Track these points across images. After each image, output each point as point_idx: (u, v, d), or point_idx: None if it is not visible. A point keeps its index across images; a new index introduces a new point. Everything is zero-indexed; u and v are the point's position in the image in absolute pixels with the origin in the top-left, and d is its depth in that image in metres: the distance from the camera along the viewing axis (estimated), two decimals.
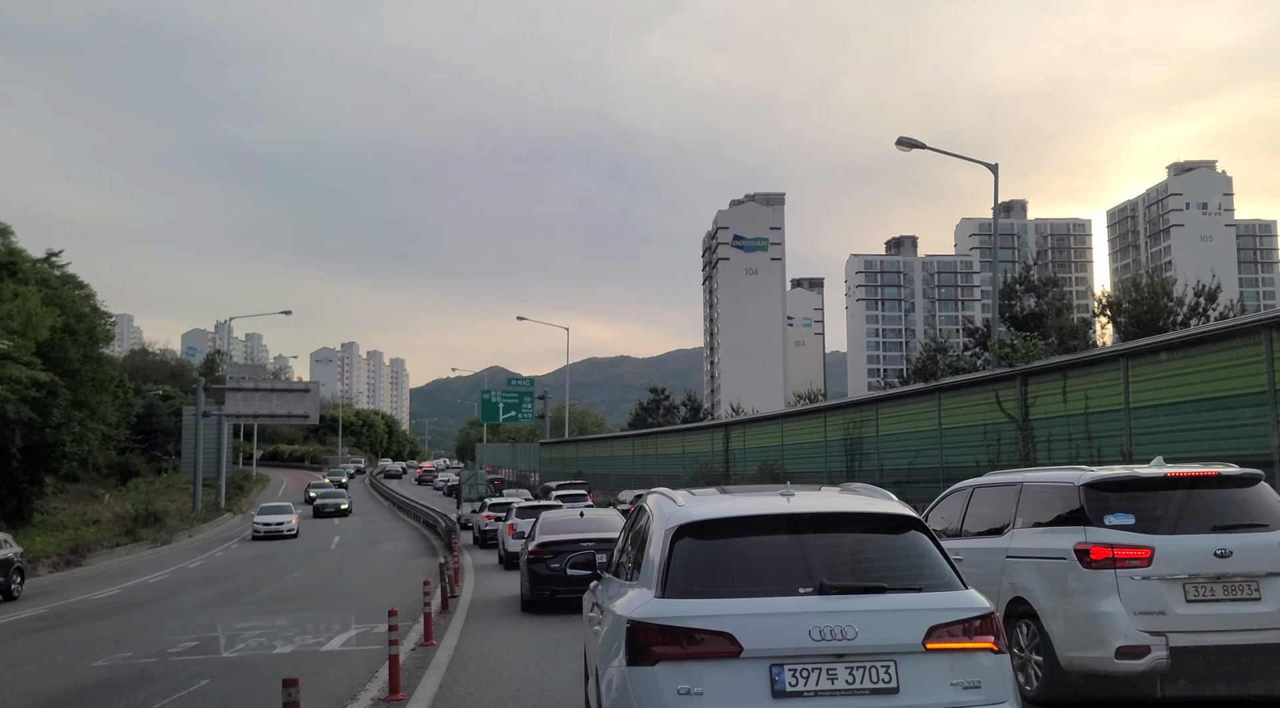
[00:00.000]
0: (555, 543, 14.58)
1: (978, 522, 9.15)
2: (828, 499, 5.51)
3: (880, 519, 5.14)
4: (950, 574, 4.86)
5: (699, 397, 68.48)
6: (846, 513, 5.19)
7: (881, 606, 4.56)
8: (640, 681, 4.47)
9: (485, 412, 68.80)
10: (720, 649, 4.42)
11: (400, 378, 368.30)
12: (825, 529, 4.95)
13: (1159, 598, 7.14)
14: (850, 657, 4.44)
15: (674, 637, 4.46)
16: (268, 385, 50.08)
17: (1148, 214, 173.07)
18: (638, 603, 4.75)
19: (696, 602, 4.57)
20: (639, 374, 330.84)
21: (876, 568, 4.87)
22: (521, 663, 10.24)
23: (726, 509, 5.27)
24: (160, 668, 10.70)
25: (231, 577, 23.61)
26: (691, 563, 4.76)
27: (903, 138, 21.92)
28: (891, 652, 4.47)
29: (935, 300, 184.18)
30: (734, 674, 4.41)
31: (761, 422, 34.28)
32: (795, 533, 4.87)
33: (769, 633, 4.44)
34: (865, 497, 5.51)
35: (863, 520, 5.14)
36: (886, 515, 5.13)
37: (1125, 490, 7.70)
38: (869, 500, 5.40)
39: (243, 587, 20.61)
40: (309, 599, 17.63)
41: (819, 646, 4.42)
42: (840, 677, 4.42)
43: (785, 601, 4.53)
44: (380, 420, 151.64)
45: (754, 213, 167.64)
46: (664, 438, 43.68)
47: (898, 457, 24.73)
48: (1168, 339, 16.29)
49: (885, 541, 5.04)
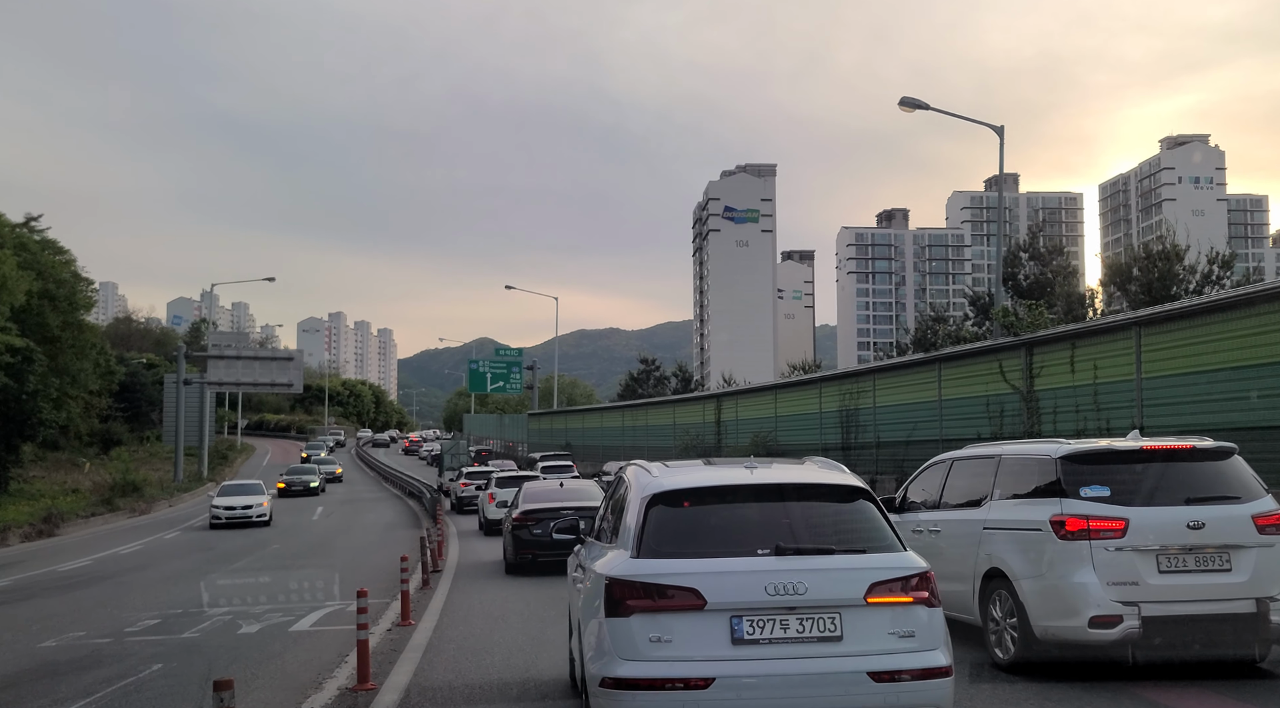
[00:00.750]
0: (537, 511, 15.55)
1: (956, 494, 9.25)
2: (786, 471, 6.08)
3: (832, 489, 5.72)
4: (892, 538, 5.45)
5: (689, 368, 67.72)
6: (801, 484, 5.78)
7: (829, 565, 5.17)
8: (617, 630, 5.05)
9: (473, 382, 67.94)
10: (687, 603, 5.01)
11: (388, 348, 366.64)
12: (782, 498, 5.58)
13: (1132, 569, 7.30)
14: (801, 609, 5.03)
15: (647, 592, 5.05)
16: (251, 353, 49.06)
17: (1140, 188, 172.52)
18: (615, 563, 5.34)
19: (667, 561, 5.18)
20: (628, 346, 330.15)
21: (827, 532, 5.43)
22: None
23: (695, 480, 5.83)
24: (112, 650, 9.93)
25: (207, 549, 22.84)
26: (663, 527, 5.36)
27: (906, 98, 21.04)
28: (837, 605, 5.06)
29: (926, 274, 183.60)
30: (699, 624, 5.00)
31: (754, 393, 33.55)
32: (756, 501, 5.54)
33: (730, 589, 5.03)
34: (820, 469, 6.09)
35: (816, 491, 5.73)
36: (837, 486, 5.71)
37: (1101, 463, 7.83)
38: (823, 472, 6.00)
39: (217, 559, 19.84)
40: (285, 573, 16.89)
41: (773, 599, 5.00)
42: (792, 627, 5.03)
43: (745, 560, 5.14)
44: (368, 391, 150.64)
45: (745, 184, 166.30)
46: (654, 409, 42.96)
47: (895, 429, 24.05)
48: (1187, 306, 15.55)
49: (835, 508, 5.61)
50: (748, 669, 4.95)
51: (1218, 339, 14.47)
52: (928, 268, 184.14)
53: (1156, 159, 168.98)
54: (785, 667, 4.98)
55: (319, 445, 75.60)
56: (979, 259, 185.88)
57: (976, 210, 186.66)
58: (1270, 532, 7.54)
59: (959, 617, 9.55)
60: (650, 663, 4.97)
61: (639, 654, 5.00)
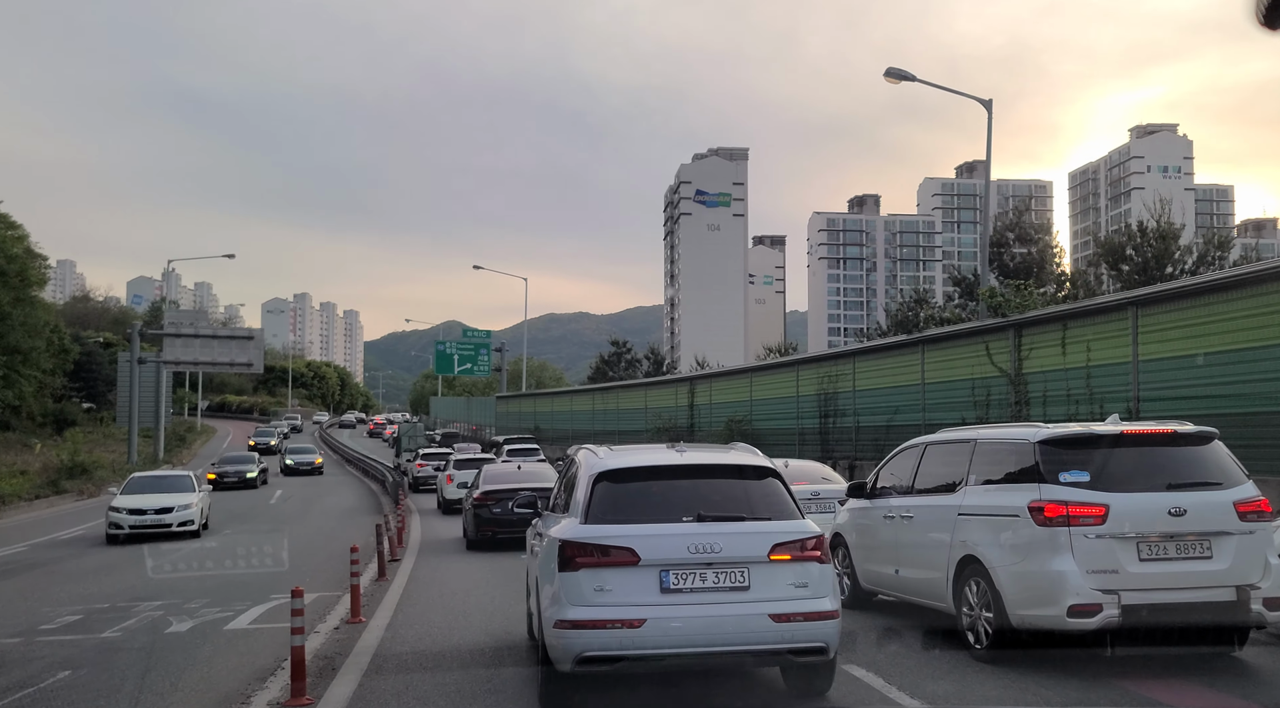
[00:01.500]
0: (497, 491, 16.60)
1: (930, 479, 9.11)
2: (709, 454, 7.18)
3: (746, 469, 6.71)
4: (793, 509, 6.50)
5: (661, 351, 66.69)
6: (721, 465, 6.87)
7: (740, 530, 6.22)
8: (568, 582, 6.02)
9: (439, 363, 66.54)
10: (625, 559, 5.99)
11: (354, 330, 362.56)
12: (705, 476, 6.65)
13: (1112, 556, 7.17)
14: (717, 565, 6.04)
15: (592, 551, 6.03)
16: (209, 332, 47.37)
17: (1109, 176, 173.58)
18: (567, 528, 6.33)
19: (609, 527, 6.16)
20: (598, 330, 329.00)
21: (740, 503, 6.43)
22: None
23: (634, 461, 6.76)
24: (19, 652, 8.81)
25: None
26: (607, 499, 6.34)
27: (891, 69, 20.17)
28: (745, 561, 6.08)
29: (897, 260, 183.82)
30: (634, 577, 5.98)
31: (729, 375, 32.70)
32: (683, 479, 6.55)
33: (659, 548, 6.03)
34: (740, 452, 7.16)
35: (733, 470, 6.75)
36: (751, 466, 6.73)
37: (1080, 447, 7.65)
38: (740, 455, 7.04)
39: (159, 546, 18.66)
40: (232, 561, 15.79)
41: (695, 557, 6.02)
42: (709, 579, 6.04)
43: (672, 526, 6.17)
44: (333, 373, 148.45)
45: (717, 167, 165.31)
46: (626, 392, 42.04)
47: (876, 413, 23.29)
48: (1188, 285, 14.83)
49: (748, 485, 6.60)
50: (673, 613, 5.97)
51: (1219, 320, 13.79)
52: (899, 254, 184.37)
53: (1126, 148, 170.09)
54: (703, 610, 6.01)
55: (269, 432, 66.13)
56: (950, 246, 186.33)
57: (948, 197, 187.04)
58: (1251, 519, 7.41)
59: (931, 604, 8.93)
60: (595, 608, 5.95)
61: (585, 601, 5.97)
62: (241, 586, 12.51)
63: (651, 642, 5.93)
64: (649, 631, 5.92)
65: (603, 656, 5.95)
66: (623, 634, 5.91)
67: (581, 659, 5.95)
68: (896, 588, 9.80)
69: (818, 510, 14.63)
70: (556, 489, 7.87)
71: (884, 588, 10.13)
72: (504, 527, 15.84)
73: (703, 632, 6.00)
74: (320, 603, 10.83)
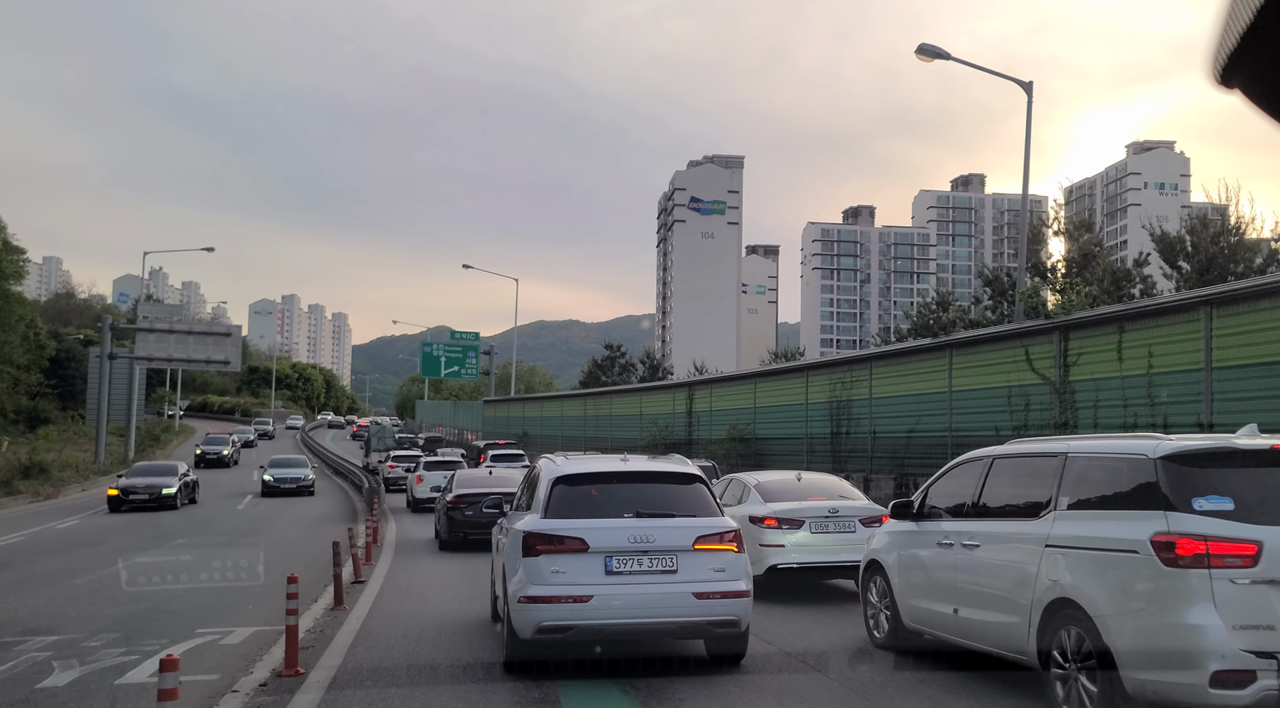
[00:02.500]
0: (469, 495, 17.44)
1: (1001, 499, 7.59)
2: (648, 463, 8.74)
3: (677, 476, 8.16)
4: (715, 508, 7.95)
5: (656, 355, 64.64)
6: (657, 471, 8.34)
7: (671, 524, 7.59)
8: (530, 566, 7.34)
9: (425, 366, 64.44)
10: (576, 547, 7.33)
11: (342, 333, 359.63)
12: (644, 481, 8.15)
13: (1267, 608, 5.58)
14: (651, 552, 7.38)
15: (550, 540, 7.37)
16: (185, 327, 45.18)
17: (1105, 192, 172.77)
18: (530, 521, 7.66)
19: (564, 521, 7.53)
20: (588, 338, 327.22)
21: (671, 503, 7.84)
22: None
23: (586, 467, 8.21)
24: None
25: (97, 543, 19.57)
26: (563, 498, 7.71)
27: (924, 45, 18.38)
28: (674, 550, 7.44)
29: (891, 272, 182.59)
30: (584, 562, 7.31)
31: (731, 381, 30.81)
32: (626, 483, 8.02)
33: (605, 538, 7.37)
34: (674, 462, 8.73)
35: (667, 476, 8.21)
36: (681, 473, 8.18)
37: (1219, 466, 6.07)
38: (674, 464, 8.53)
39: (100, 559, 16.60)
40: (172, 582, 13.74)
41: (633, 545, 7.37)
42: (644, 563, 7.37)
43: (615, 521, 7.53)
44: (318, 374, 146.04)
45: (712, 175, 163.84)
46: (619, 398, 40.06)
47: (894, 422, 21.42)
48: (1273, 282, 13.01)
49: (678, 488, 8.02)
50: (615, 591, 7.16)
51: None
52: (893, 266, 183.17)
53: (1123, 163, 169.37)
54: (639, 589, 7.20)
55: (221, 441, 52.71)
56: (944, 259, 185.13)
57: (943, 210, 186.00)
58: None
59: (1004, 654, 7.03)
60: (551, 586, 7.13)
61: (543, 581, 7.16)
62: (165, 616, 10.43)
63: (597, 615, 7.07)
64: (595, 605, 7.07)
65: (557, 625, 7.07)
66: (573, 608, 7.05)
67: (540, 629, 7.08)
68: (955, 631, 7.92)
69: (836, 530, 12.71)
70: (520, 491, 9.08)
71: (936, 629, 8.23)
72: (475, 529, 16.63)
73: (639, 607, 7.16)
74: (257, 642, 8.87)
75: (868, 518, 12.68)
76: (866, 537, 11.00)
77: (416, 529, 21.68)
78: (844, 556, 12.17)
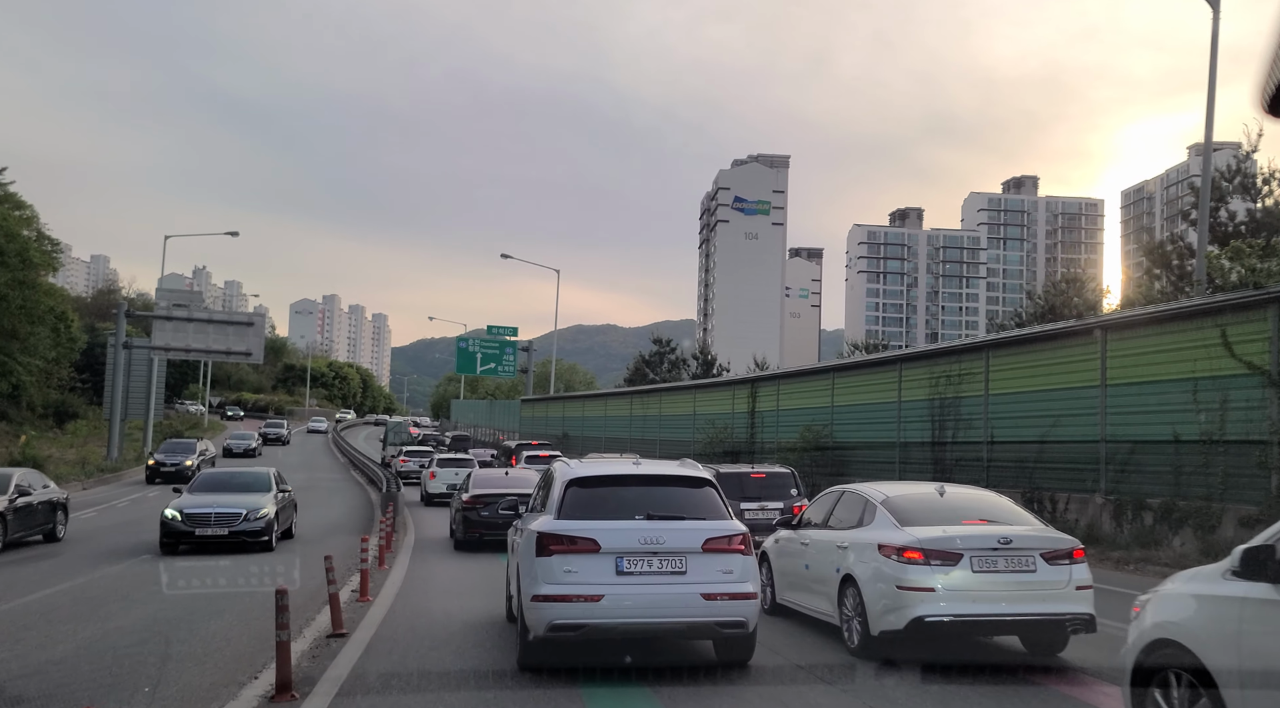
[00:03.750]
0: (485, 496, 17.09)
1: None
2: (658, 466, 8.89)
3: (688, 479, 8.27)
4: (724, 512, 7.97)
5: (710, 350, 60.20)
6: (668, 475, 8.39)
7: (681, 527, 7.63)
8: (543, 566, 7.43)
9: (461, 363, 61.21)
10: (589, 547, 7.40)
11: (382, 334, 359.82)
12: (655, 484, 8.22)
13: None
14: (661, 553, 7.45)
15: (562, 540, 7.45)
16: (203, 315, 42.37)
17: (1165, 195, 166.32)
18: (544, 522, 7.74)
19: (577, 522, 7.59)
20: (625, 343, 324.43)
21: (681, 506, 7.92)
22: None
23: (598, 470, 8.40)
24: None
25: (51, 555, 16.42)
26: (576, 500, 7.82)
27: None
28: (684, 551, 7.49)
29: (940, 276, 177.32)
30: (595, 562, 7.39)
31: (802, 376, 27.11)
32: (637, 486, 8.13)
33: (616, 539, 7.44)
34: (685, 465, 8.88)
35: (678, 480, 8.29)
36: (692, 477, 8.31)
37: None
38: (684, 468, 8.69)
39: (55, 573, 13.38)
40: (102, 616, 10.40)
41: (644, 547, 7.43)
42: (655, 564, 7.44)
43: (627, 522, 7.61)
44: (354, 374, 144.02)
45: (756, 174, 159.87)
46: (670, 396, 36.44)
47: (1021, 424, 17.64)
48: None
49: (689, 491, 8.13)
50: (625, 591, 7.35)
51: None
52: (941, 270, 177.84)
53: (1185, 166, 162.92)
54: (649, 590, 7.39)
55: (185, 448, 37.62)
56: (995, 263, 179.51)
57: (994, 212, 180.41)
58: None
59: None
60: (563, 585, 7.33)
61: (556, 580, 7.36)
62: (110, 666, 7.49)
63: (607, 614, 7.28)
64: (606, 605, 7.28)
65: (568, 624, 7.28)
66: (585, 607, 7.26)
67: (552, 627, 7.29)
68: None
69: (1009, 568, 8.72)
70: (535, 493, 9.35)
71: None
72: (491, 529, 16.35)
73: (649, 607, 7.36)
74: None
75: (1052, 553, 8.86)
76: (1057, 578, 8.16)
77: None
78: (1023, 607, 8.46)
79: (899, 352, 22.83)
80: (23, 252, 53.72)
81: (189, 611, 10.49)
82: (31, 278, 55.03)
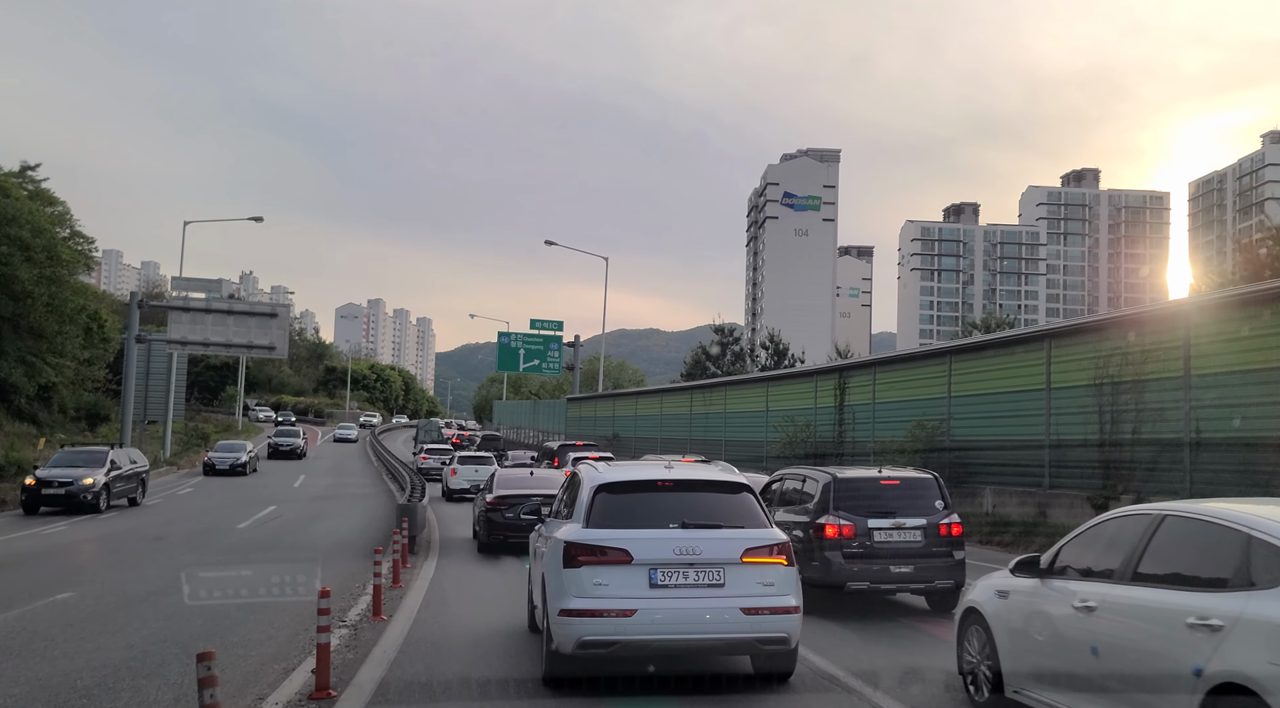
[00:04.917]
0: (510, 496, 16.74)
1: None
2: (694, 470, 8.58)
3: (724, 485, 7.83)
4: (763, 519, 7.52)
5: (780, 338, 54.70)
6: (702, 480, 8.06)
7: (717, 536, 7.22)
8: (570, 577, 7.04)
9: (502, 359, 57.32)
10: (620, 559, 7.01)
11: (426, 338, 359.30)
12: (689, 490, 7.80)
13: None
14: (697, 565, 7.05)
15: (592, 551, 7.07)
16: (222, 306, 39.05)
17: (1238, 186, 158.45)
18: (571, 531, 7.34)
19: (607, 531, 7.20)
20: (669, 347, 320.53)
21: (717, 513, 7.48)
22: None
23: (628, 475, 7.94)
24: None
25: (18, 563, 12.69)
26: (605, 507, 7.42)
27: None
28: (722, 563, 7.08)
29: (997, 273, 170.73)
30: (627, 574, 7.00)
31: (906, 362, 22.74)
32: (670, 491, 7.67)
33: (649, 550, 7.07)
34: (718, 469, 8.90)
35: (713, 485, 7.89)
36: (728, 482, 7.87)
37: None
38: (719, 472, 8.48)
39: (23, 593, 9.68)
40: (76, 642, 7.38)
41: (679, 558, 7.05)
42: (690, 576, 7.04)
43: (660, 531, 7.20)
44: (397, 376, 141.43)
45: (807, 169, 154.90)
46: (737, 390, 32.14)
47: (1254, 412, 13.19)
48: None
49: (725, 498, 7.68)
50: (659, 605, 6.94)
51: None
52: (999, 267, 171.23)
53: (1260, 154, 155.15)
54: (685, 603, 6.97)
55: (98, 456, 24.66)
56: (1055, 259, 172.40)
57: (1054, 206, 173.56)
58: None
59: None
60: (593, 599, 6.91)
61: (585, 593, 6.94)
62: None
63: (640, 630, 6.85)
64: (639, 620, 6.85)
65: (599, 640, 6.84)
66: (616, 622, 6.84)
67: (581, 643, 6.85)
68: None
69: None
70: (559, 498, 8.82)
71: None
72: (515, 531, 15.97)
73: (684, 622, 6.93)
74: None
75: None
76: None
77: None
78: None
79: (1048, 326, 18.30)
80: (50, 248, 50.90)
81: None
82: (60, 275, 52.32)
